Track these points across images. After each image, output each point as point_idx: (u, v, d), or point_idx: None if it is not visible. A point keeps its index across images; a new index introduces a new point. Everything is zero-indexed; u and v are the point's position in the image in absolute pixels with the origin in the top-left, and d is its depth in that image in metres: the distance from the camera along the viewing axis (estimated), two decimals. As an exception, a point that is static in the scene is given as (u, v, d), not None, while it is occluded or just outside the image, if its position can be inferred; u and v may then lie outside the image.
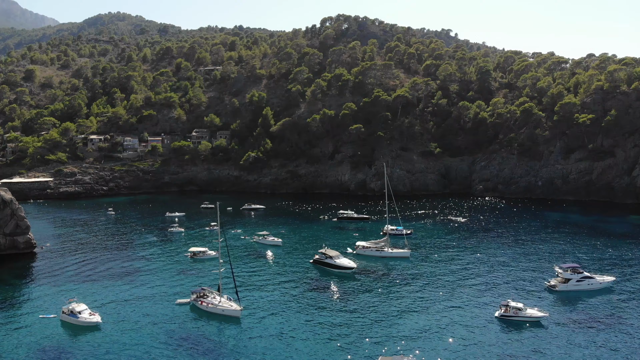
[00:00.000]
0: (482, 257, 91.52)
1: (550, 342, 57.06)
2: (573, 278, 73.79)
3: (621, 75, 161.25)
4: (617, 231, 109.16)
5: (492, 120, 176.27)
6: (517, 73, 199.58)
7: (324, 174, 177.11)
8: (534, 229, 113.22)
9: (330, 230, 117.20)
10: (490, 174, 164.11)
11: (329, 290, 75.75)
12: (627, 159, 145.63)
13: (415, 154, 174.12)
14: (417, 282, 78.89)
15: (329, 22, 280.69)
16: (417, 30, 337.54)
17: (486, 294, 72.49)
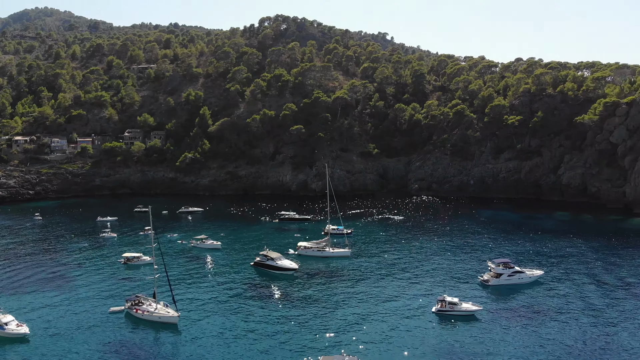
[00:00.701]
0: (419, 254, 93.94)
1: (484, 335, 59.31)
2: (505, 272, 77.22)
3: (547, 79, 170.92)
4: (544, 227, 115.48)
5: (426, 121, 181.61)
6: (450, 76, 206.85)
7: (264, 174, 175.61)
8: (467, 226, 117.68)
9: (271, 231, 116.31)
10: (425, 173, 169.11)
11: (270, 292, 75.02)
12: (553, 158, 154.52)
13: (354, 155, 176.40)
14: (357, 280, 79.75)
15: (267, 22, 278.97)
16: (354, 33, 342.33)
17: (423, 290, 74.41)
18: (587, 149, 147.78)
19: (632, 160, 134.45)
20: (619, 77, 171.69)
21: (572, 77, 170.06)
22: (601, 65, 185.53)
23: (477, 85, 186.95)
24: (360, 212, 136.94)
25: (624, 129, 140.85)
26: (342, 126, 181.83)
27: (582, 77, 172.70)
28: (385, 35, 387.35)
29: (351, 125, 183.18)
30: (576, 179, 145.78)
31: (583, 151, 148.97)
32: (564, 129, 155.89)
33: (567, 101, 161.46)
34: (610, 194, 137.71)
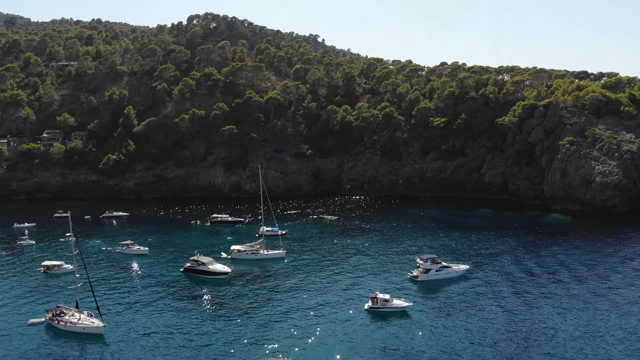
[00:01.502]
0: (351, 253, 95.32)
1: (415, 330, 61.08)
2: (433, 268, 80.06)
3: (470, 82, 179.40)
4: (468, 223, 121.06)
5: (357, 123, 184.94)
6: (379, 79, 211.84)
7: (195, 176, 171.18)
8: (397, 224, 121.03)
9: (203, 235, 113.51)
10: (357, 173, 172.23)
11: (202, 298, 73.14)
12: (475, 158, 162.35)
13: (288, 156, 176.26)
14: (292, 281, 79.61)
15: (196, 20, 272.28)
16: (286, 34, 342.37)
17: (356, 288, 75.56)
18: (508, 149, 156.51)
19: (549, 160, 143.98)
20: (537, 81, 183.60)
21: (493, 80, 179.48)
22: (520, 69, 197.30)
23: (405, 89, 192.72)
24: (295, 213, 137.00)
25: (541, 130, 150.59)
26: (276, 127, 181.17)
27: (502, 81, 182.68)
28: (317, 37, 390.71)
29: (285, 126, 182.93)
30: (497, 177, 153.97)
31: (504, 151, 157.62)
32: (486, 130, 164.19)
33: (489, 104, 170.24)
34: (529, 191, 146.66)
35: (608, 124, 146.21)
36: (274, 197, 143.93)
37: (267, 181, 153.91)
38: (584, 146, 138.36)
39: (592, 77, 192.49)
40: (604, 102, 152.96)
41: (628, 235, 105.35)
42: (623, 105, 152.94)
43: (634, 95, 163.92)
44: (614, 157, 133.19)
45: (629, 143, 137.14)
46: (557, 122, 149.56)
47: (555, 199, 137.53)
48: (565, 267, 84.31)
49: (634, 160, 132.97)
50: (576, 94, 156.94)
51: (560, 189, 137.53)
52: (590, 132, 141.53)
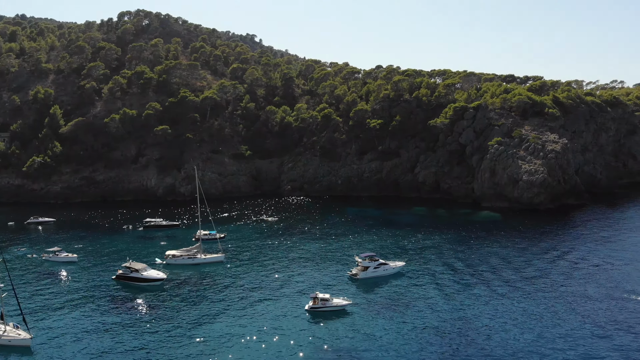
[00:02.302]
0: (292, 254, 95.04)
1: (355, 328, 61.68)
2: (371, 266, 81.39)
3: (404, 85, 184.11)
4: (404, 221, 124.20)
5: (297, 124, 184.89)
6: (318, 81, 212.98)
7: (126, 179, 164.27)
8: (337, 224, 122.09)
9: (135, 241, 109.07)
10: (297, 174, 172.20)
11: (135, 306, 70.21)
12: (410, 159, 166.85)
13: (226, 157, 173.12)
14: (231, 285, 78.19)
15: (127, 17, 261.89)
16: (222, 32, 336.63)
17: (296, 289, 75.36)
18: (440, 150, 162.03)
19: (479, 160, 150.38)
20: (467, 84, 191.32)
21: (426, 83, 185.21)
22: (451, 73, 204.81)
23: (342, 91, 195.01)
24: (234, 215, 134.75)
25: (472, 131, 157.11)
26: (213, 127, 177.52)
27: (434, 84, 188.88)
28: (254, 37, 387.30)
29: (222, 127, 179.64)
30: (430, 177, 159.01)
31: (436, 152, 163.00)
32: (419, 132, 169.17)
33: (422, 106, 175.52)
34: (460, 190, 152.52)
35: (533, 125, 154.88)
36: (211, 200, 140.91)
37: (204, 183, 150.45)
38: (511, 146, 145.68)
39: (518, 81, 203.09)
40: (530, 104, 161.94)
41: (553, 230, 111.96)
42: (547, 107, 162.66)
43: (558, 97, 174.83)
44: (539, 156, 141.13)
45: (553, 143, 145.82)
46: (486, 124, 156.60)
47: (485, 197, 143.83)
48: (495, 261, 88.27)
49: (557, 160, 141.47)
50: (504, 96, 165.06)
51: (489, 187, 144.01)
52: (517, 132, 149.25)
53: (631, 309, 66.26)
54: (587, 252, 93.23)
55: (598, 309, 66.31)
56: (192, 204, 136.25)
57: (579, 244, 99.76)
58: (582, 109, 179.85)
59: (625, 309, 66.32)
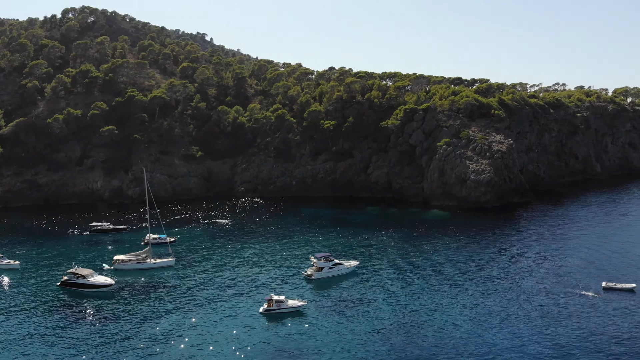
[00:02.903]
0: (246, 257, 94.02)
1: (310, 329, 61.69)
2: (326, 266, 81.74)
3: (356, 87, 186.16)
4: (358, 221, 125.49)
5: (250, 124, 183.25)
6: (271, 81, 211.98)
7: (70, 182, 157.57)
8: (291, 225, 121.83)
9: (81, 246, 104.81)
10: (251, 175, 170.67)
11: (82, 314, 67.48)
12: (363, 159, 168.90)
13: (176, 158, 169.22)
14: (183, 289, 76.48)
15: (72, 14, 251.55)
16: (172, 31, 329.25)
17: (251, 292, 74.61)
18: (391, 151, 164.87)
19: (428, 160, 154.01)
20: (417, 86, 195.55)
21: (378, 86, 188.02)
22: (402, 75, 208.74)
23: (296, 91, 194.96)
24: (185, 218, 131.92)
25: (421, 133, 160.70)
26: (162, 127, 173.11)
27: (385, 86, 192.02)
28: (205, 36, 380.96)
29: (171, 127, 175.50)
30: (382, 177, 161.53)
31: (387, 152, 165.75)
32: (372, 133, 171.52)
33: (374, 108, 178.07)
34: (411, 189, 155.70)
35: (480, 126, 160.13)
36: (161, 202, 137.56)
37: (153, 185, 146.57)
38: (459, 147, 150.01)
39: (465, 83, 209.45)
40: (477, 106, 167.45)
41: (499, 228, 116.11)
42: (493, 109, 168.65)
43: (503, 99, 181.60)
44: (485, 156, 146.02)
45: (499, 143, 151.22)
46: (435, 125, 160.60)
47: (435, 196, 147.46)
48: (444, 259, 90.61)
49: (503, 159, 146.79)
50: (452, 98, 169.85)
51: (438, 186, 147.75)
52: (465, 133, 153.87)
53: (576, 302, 69.56)
54: (532, 248, 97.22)
55: (544, 303, 69.21)
56: (141, 207, 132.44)
57: (525, 240, 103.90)
58: (526, 111, 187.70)
59: (570, 303, 69.55)
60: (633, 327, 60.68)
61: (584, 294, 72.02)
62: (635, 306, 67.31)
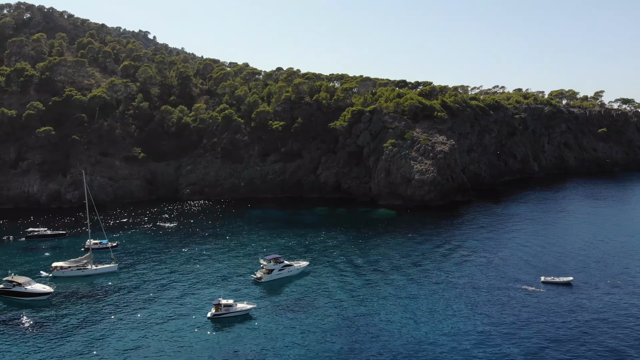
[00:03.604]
0: (192, 261, 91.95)
1: (259, 333, 61.05)
2: (275, 268, 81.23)
3: (305, 88, 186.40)
4: (307, 221, 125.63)
5: (195, 125, 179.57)
6: (217, 80, 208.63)
7: (5, 186, 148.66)
8: (240, 227, 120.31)
9: (17, 252, 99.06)
10: (197, 177, 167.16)
11: (18, 324, 63.74)
12: (312, 160, 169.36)
13: (117, 160, 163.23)
14: (126, 296, 73.80)
15: (7, 10, 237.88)
16: (112, 28, 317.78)
17: (198, 297, 72.99)
18: (340, 151, 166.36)
19: (375, 160, 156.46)
20: (363, 88, 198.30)
21: (325, 87, 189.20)
22: (349, 77, 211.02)
23: (243, 91, 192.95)
24: (127, 222, 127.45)
25: (368, 134, 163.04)
26: (102, 128, 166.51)
27: (333, 88, 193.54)
28: (147, 33, 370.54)
29: (112, 127, 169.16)
30: (331, 177, 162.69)
31: (336, 153, 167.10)
32: (320, 134, 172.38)
33: (322, 109, 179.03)
34: (359, 189, 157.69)
35: (424, 128, 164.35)
36: (102, 206, 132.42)
37: (93, 188, 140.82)
38: (404, 148, 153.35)
39: (410, 86, 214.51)
40: (420, 108, 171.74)
41: (442, 226, 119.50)
42: (436, 111, 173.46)
43: (446, 102, 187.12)
44: (429, 157, 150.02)
45: (442, 144, 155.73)
46: (381, 126, 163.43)
47: (382, 196, 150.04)
48: (391, 257, 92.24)
49: (446, 160, 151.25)
50: (397, 100, 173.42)
51: (385, 186, 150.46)
52: (409, 135, 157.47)
53: (518, 296, 72.54)
54: (474, 246, 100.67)
55: (487, 300, 71.72)
56: (80, 211, 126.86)
57: (467, 238, 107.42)
58: (468, 113, 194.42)
59: (512, 298, 72.45)
60: (575, 319, 63.91)
61: (525, 288, 75.25)
62: (573, 298, 70.99)
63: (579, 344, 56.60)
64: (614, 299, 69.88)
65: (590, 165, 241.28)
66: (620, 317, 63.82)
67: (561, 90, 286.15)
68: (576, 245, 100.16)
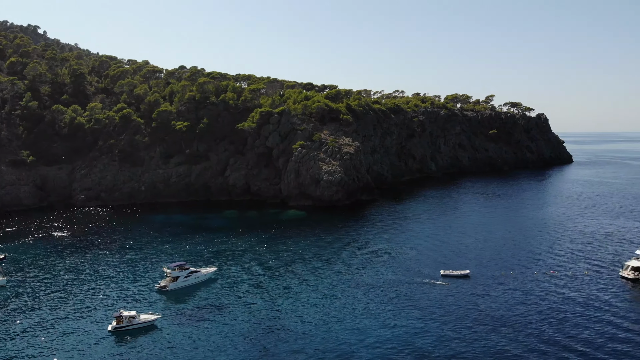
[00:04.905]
0: (89, 271, 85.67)
1: (163, 343, 58.10)
2: (181, 275, 77.97)
3: (210, 88, 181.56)
4: (215, 225, 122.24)
5: (90, 126, 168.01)
6: (114, 78, 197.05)
7: None
8: (141, 234, 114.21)
9: None
10: (93, 182, 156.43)
11: None
12: (219, 162, 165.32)
13: (3, 164, 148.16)
14: (15, 311, 66.93)
15: None
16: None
17: (98, 310, 68.08)
18: (248, 153, 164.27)
19: (285, 162, 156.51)
20: (271, 90, 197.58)
21: (232, 87, 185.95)
22: (256, 78, 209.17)
23: (143, 90, 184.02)
24: (15, 232, 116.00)
25: (277, 135, 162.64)
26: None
27: (240, 88, 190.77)
28: (37, 28, 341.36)
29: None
30: (240, 179, 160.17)
31: (245, 154, 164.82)
32: (228, 135, 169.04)
33: (229, 109, 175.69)
34: (269, 191, 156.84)
35: (331, 130, 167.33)
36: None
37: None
38: (312, 149, 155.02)
39: (317, 89, 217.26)
40: (327, 110, 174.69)
41: (349, 224, 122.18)
42: (342, 114, 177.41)
43: (351, 105, 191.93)
44: (336, 158, 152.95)
45: (348, 146, 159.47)
46: (290, 128, 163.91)
47: (292, 197, 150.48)
48: (300, 257, 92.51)
49: (352, 161, 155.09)
50: (305, 103, 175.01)
51: (295, 187, 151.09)
52: (317, 136, 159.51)
53: (421, 290, 75.72)
54: (379, 242, 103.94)
55: (393, 295, 74.11)
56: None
57: (372, 235, 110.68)
58: (371, 116, 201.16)
59: (415, 291, 75.52)
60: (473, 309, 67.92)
61: (427, 282, 78.85)
62: (471, 289, 75.54)
63: (479, 331, 60.27)
64: (507, 288, 75.43)
65: (482, 164, 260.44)
66: (511, 305, 68.95)
67: (456, 94, 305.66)
68: (472, 240, 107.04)
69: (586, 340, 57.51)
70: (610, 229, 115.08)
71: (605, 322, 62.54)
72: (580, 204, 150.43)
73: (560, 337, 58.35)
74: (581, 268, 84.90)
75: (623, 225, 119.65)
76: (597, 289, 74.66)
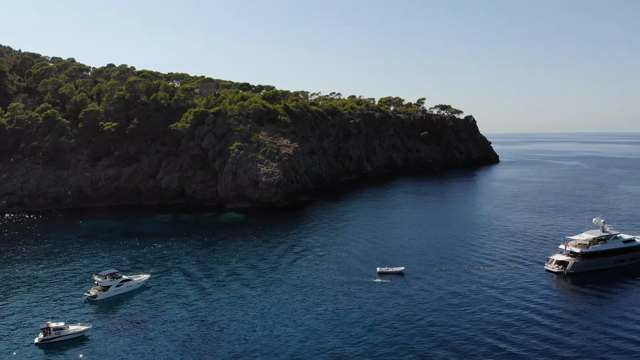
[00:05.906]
0: (10, 282, 79.99)
1: (95, 354, 55.24)
2: (112, 284, 74.49)
3: (141, 87, 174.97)
4: (147, 231, 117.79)
5: (11, 127, 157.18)
6: (37, 77, 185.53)
7: None
8: (68, 241, 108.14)
9: None
10: (15, 186, 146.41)
11: None
12: (151, 164, 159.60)
13: None
14: None
15: None
16: None
17: (23, 322, 63.66)
18: (182, 154, 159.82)
19: (221, 163, 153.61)
20: (206, 90, 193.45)
21: (164, 86, 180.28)
22: (189, 77, 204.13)
23: (69, 89, 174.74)
24: None
25: (213, 136, 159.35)
26: None
27: (173, 87, 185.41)
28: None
29: None
30: (174, 182, 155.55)
31: (178, 156, 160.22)
32: (160, 136, 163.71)
33: (161, 109, 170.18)
34: (205, 193, 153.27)
35: (269, 131, 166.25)
36: None
37: None
38: (250, 150, 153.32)
39: (253, 89, 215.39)
40: (265, 111, 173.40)
41: (288, 226, 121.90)
42: (280, 115, 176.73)
43: (288, 106, 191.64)
44: (275, 159, 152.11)
45: (286, 147, 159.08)
46: (227, 129, 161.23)
47: (229, 199, 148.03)
48: (238, 261, 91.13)
49: (290, 162, 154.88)
50: (241, 103, 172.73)
51: (232, 189, 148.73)
52: (255, 138, 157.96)
53: (359, 288, 76.68)
54: (318, 243, 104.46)
55: (332, 293, 74.58)
56: None
57: (311, 236, 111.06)
58: (309, 117, 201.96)
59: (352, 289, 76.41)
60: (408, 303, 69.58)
61: (364, 280, 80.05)
62: (405, 285, 77.46)
63: (416, 326, 61.87)
64: (441, 283, 78.04)
65: (414, 164, 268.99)
66: (444, 300, 71.40)
67: (389, 97, 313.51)
68: (407, 237, 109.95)
69: (510, 327, 60.55)
70: (535, 226, 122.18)
71: (531, 310, 66.16)
72: (507, 202, 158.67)
73: (492, 328, 61.09)
74: (509, 263, 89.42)
75: (547, 221, 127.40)
76: (523, 281, 78.88)
